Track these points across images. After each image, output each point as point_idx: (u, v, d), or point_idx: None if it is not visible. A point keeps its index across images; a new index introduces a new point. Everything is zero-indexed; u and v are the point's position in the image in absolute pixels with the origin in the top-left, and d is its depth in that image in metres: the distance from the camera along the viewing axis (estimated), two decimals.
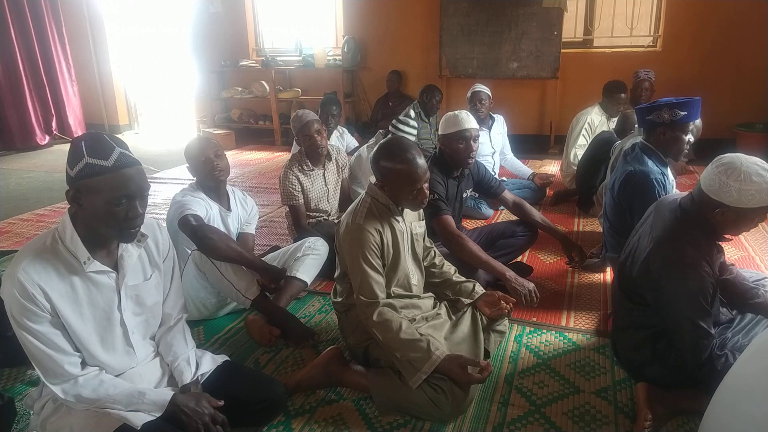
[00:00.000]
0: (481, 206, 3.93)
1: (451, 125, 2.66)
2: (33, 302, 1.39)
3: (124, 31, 8.05)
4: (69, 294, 1.46)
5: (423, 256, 2.23)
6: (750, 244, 3.38)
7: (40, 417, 1.56)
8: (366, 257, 1.90)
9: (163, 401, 1.52)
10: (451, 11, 6.20)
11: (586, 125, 4.43)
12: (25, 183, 5.43)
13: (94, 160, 1.37)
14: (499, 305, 2.11)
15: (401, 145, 1.94)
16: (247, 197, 2.76)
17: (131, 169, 1.42)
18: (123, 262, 1.55)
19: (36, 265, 1.41)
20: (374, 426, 1.83)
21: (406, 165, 1.88)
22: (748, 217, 1.68)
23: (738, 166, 1.63)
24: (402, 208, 2.03)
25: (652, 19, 6.10)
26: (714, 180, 1.68)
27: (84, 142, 1.40)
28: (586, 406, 1.91)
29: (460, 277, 2.25)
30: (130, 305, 1.60)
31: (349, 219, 1.98)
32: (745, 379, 1.32)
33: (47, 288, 1.41)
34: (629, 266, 1.94)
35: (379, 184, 1.98)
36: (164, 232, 1.74)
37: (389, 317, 1.86)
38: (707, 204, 1.71)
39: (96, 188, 1.38)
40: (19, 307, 1.39)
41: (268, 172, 5.70)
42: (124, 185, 1.39)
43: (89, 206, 1.41)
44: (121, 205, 1.40)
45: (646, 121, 2.44)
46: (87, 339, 1.50)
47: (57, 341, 1.44)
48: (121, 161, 1.40)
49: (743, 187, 1.61)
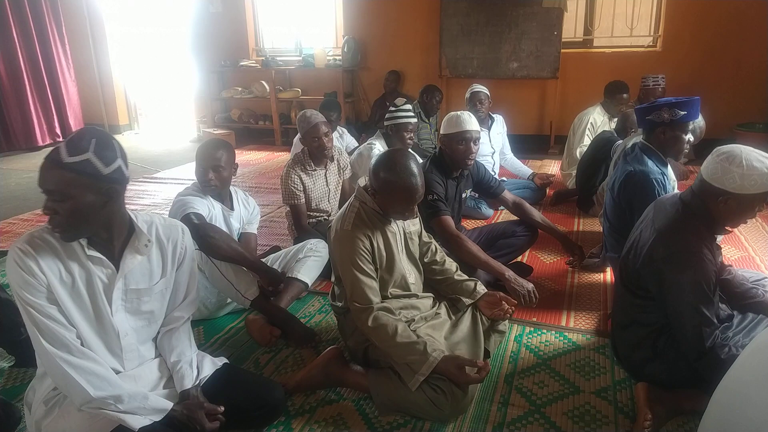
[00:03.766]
0: (481, 206, 3.92)
1: (452, 125, 2.66)
2: (34, 276, 1.41)
3: (124, 31, 8.05)
4: (66, 277, 1.46)
5: (422, 253, 2.22)
6: (750, 244, 3.38)
7: (33, 418, 1.55)
8: (356, 263, 1.89)
9: (163, 408, 1.52)
10: (451, 11, 6.21)
11: (589, 125, 4.43)
12: (25, 183, 5.43)
13: (72, 159, 1.39)
14: (500, 306, 2.11)
15: (405, 162, 1.88)
16: (249, 197, 2.76)
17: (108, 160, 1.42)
18: (124, 263, 1.55)
19: (38, 243, 1.43)
20: (374, 426, 1.83)
21: (406, 185, 1.86)
22: (750, 205, 1.71)
23: (738, 153, 1.67)
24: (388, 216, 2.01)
25: (652, 19, 6.10)
26: (716, 168, 1.70)
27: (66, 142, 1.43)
28: (586, 406, 1.91)
29: (461, 276, 2.23)
30: (127, 307, 1.58)
31: (338, 225, 1.97)
32: (744, 379, 1.32)
33: (45, 265, 1.42)
34: (632, 259, 1.95)
35: (371, 191, 1.96)
36: (187, 236, 1.73)
37: (384, 321, 1.86)
38: (709, 193, 1.74)
39: (84, 184, 1.40)
40: (21, 280, 1.40)
41: (268, 172, 5.70)
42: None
43: (75, 200, 1.42)
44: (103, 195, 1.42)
45: (646, 121, 2.45)
46: (80, 325, 1.49)
47: (58, 317, 1.44)
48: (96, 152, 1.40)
49: (746, 172, 1.64)
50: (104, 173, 1.40)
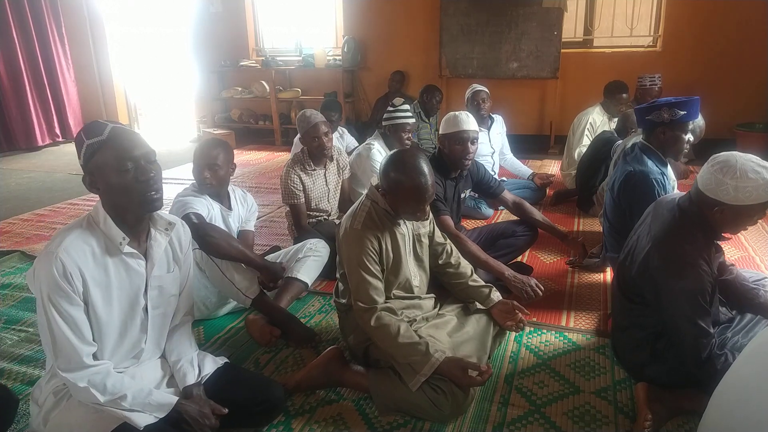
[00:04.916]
0: (481, 206, 3.92)
1: (451, 125, 2.66)
2: (69, 283, 1.42)
3: (124, 31, 8.05)
4: (102, 278, 1.50)
5: (437, 254, 2.21)
6: (750, 244, 3.38)
7: (42, 410, 1.56)
8: (363, 263, 1.89)
9: (168, 404, 1.53)
10: (451, 11, 6.20)
11: (588, 125, 4.43)
12: (25, 183, 5.43)
13: (92, 140, 1.45)
14: (513, 314, 2.09)
15: (415, 162, 1.87)
16: (246, 195, 2.77)
17: (126, 135, 1.48)
18: (152, 251, 1.60)
19: (76, 245, 1.45)
20: (374, 426, 1.83)
21: (415, 184, 1.85)
22: (747, 215, 1.68)
23: (733, 163, 1.63)
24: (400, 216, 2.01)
25: (652, 19, 6.10)
26: (710, 179, 1.68)
27: (81, 130, 1.49)
28: (586, 406, 1.91)
29: (477, 281, 2.21)
30: (153, 294, 1.63)
31: (348, 223, 1.97)
32: (744, 379, 1.32)
33: (85, 270, 1.45)
34: (628, 266, 1.94)
35: (382, 192, 1.95)
36: (186, 231, 1.78)
37: (387, 321, 1.86)
38: (705, 203, 1.72)
39: (102, 164, 1.45)
40: (54, 286, 1.41)
41: (268, 172, 5.70)
42: (124, 150, 1.44)
43: (105, 185, 1.47)
44: (128, 171, 1.45)
45: (646, 121, 2.44)
46: (107, 325, 1.52)
47: (83, 329, 1.46)
48: (114, 131, 1.46)
49: (740, 184, 1.61)
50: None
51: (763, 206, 1.65)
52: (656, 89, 4.82)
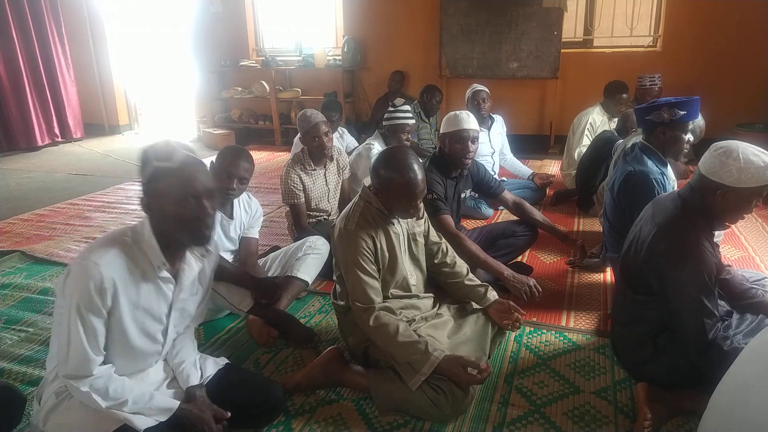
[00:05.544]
0: (481, 206, 3.92)
1: (451, 124, 2.66)
2: (102, 297, 1.41)
3: (124, 31, 8.05)
4: (133, 298, 1.49)
5: (432, 253, 2.21)
6: (750, 244, 3.38)
7: (43, 409, 1.56)
8: (359, 263, 1.89)
9: (169, 408, 1.53)
10: (451, 11, 6.20)
11: (588, 125, 4.43)
12: (25, 183, 5.43)
13: (161, 164, 1.42)
14: (510, 314, 2.09)
15: (404, 158, 1.89)
16: (252, 199, 2.72)
17: (196, 168, 1.45)
18: (183, 275, 1.58)
19: (117, 263, 1.44)
20: (374, 426, 1.83)
21: (405, 180, 1.86)
22: (747, 198, 1.73)
23: (735, 148, 1.71)
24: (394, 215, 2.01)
25: (652, 19, 6.09)
26: (714, 162, 1.73)
27: (151, 148, 1.45)
28: (586, 406, 1.91)
29: (472, 280, 2.21)
30: (175, 315, 1.63)
31: (342, 224, 1.97)
32: (744, 379, 1.32)
33: (119, 287, 1.43)
34: (632, 255, 1.96)
35: (374, 191, 1.96)
36: (216, 257, 1.78)
37: (386, 321, 1.86)
38: (707, 188, 1.76)
39: (165, 192, 1.42)
40: (86, 296, 1.39)
41: (268, 172, 5.70)
42: (190, 184, 1.42)
43: (160, 212, 1.44)
44: (189, 205, 1.43)
45: (646, 121, 2.45)
46: (125, 346, 1.52)
47: (99, 340, 1.45)
48: (186, 162, 1.44)
49: (743, 166, 1.67)
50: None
51: (762, 189, 1.71)
52: (656, 89, 4.82)
